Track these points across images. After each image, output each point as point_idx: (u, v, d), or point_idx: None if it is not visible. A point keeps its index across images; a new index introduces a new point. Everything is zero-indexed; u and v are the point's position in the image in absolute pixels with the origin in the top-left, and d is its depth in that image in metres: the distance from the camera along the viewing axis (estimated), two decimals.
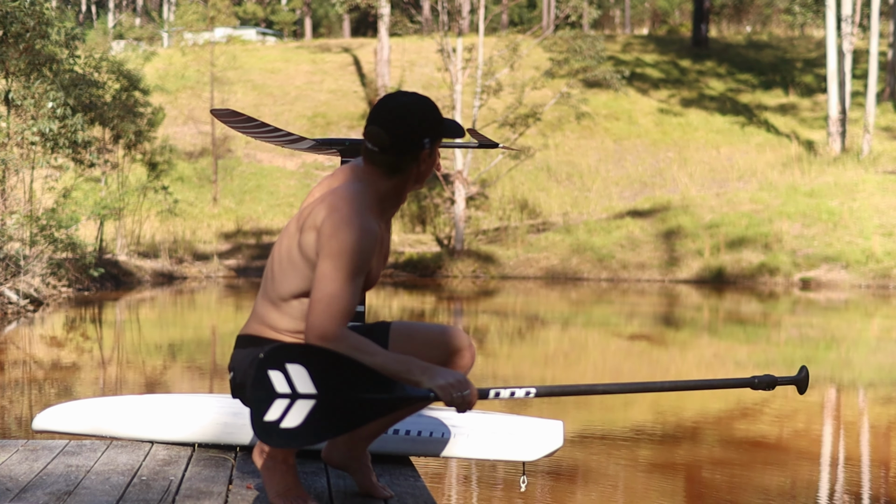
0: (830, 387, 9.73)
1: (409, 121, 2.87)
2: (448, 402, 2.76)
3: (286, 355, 2.69)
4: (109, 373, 9.75)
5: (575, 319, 15.65)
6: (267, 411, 2.67)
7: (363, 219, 2.83)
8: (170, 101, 30.05)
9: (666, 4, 53.61)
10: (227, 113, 4.12)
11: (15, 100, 15.32)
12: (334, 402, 2.70)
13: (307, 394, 2.69)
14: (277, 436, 2.67)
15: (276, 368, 2.68)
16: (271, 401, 2.67)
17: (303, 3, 53.77)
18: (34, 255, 15.20)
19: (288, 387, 2.68)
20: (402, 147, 2.87)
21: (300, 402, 2.68)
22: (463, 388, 2.77)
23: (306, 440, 2.69)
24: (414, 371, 2.76)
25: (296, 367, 2.69)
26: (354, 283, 2.80)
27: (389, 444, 3.66)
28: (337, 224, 2.81)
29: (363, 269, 2.82)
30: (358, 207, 2.86)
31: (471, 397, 2.78)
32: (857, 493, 5.77)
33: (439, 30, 25.47)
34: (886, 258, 20.86)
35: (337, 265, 2.78)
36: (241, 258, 22.81)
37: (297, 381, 2.69)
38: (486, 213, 25.86)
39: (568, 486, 5.89)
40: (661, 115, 31.23)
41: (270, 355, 2.68)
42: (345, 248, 2.78)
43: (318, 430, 2.70)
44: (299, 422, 2.68)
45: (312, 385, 2.69)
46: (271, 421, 2.67)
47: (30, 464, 3.53)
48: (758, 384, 3.16)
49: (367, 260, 2.82)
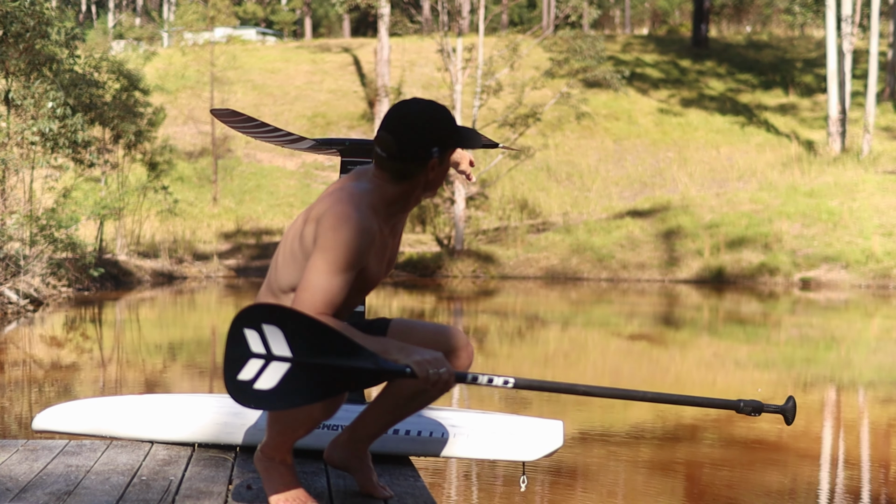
0: (830, 387, 9.73)
1: (418, 129, 2.86)
2: (423, 379, 2.74)
3: (263, 315, 2.66)
4: (109, 373, 9.75)
5: (575, 319, 15.66)
6: (241, 370, 2.63)
7: (361, 215, 2.83)
8: (170, 101, 30.06)
9: (666, 4, 53.61)
10: (227, 113, 4.12)
11: (15, 100, 15.32)
12: (309, 368, 2.66)
13: (282, 356, 2.65)
14: (250, 396, 2.64)
15: (251, 328, 2.65)
16: (246, 359, 2.64)
17: (303, 3, 53.78)
18: (34, 255, 15.20)
19: (263, 347, 2.64)
20: (409, 154, 2.86)
21: (275, 365, 2.64)
22: (439, 366, 2.75)
23: (279, 403, 2.65)
24: (391, 350, 2.76)
25: (272, 328, 2.65)
26: (342, 277, 2.80)
27: (389, 443, 3.66)
28: (335, 218, 2.82)
29: (354, 266, 2.82)
30: (359, 204, 2.86)
31: (447, 375, 2.76)
32: (857, 493, 5.77)
33: (439, 30, 25.47)
34: (886, 258, 20.86)
35: (327, 257, 2.79)
36: (241, 258, 22.81)
37: (273, 342, 2.65)
38: (486, 212, 25.86)
39: (568, 486, 5.89)
40: (661, 115, 31.23)
41: (247, 313, 2.65)
42: (338, 242, 2.79)
43: (292, 394, 2.65)
44: (273, 384, 2.64)
45: (288, 348, 2.66)
46: (245, 380, 2.63)
47: (30, 464, 3.53)
48: (742, 408, 3.11)
49: (359, 257, 2.82)
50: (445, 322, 14.45)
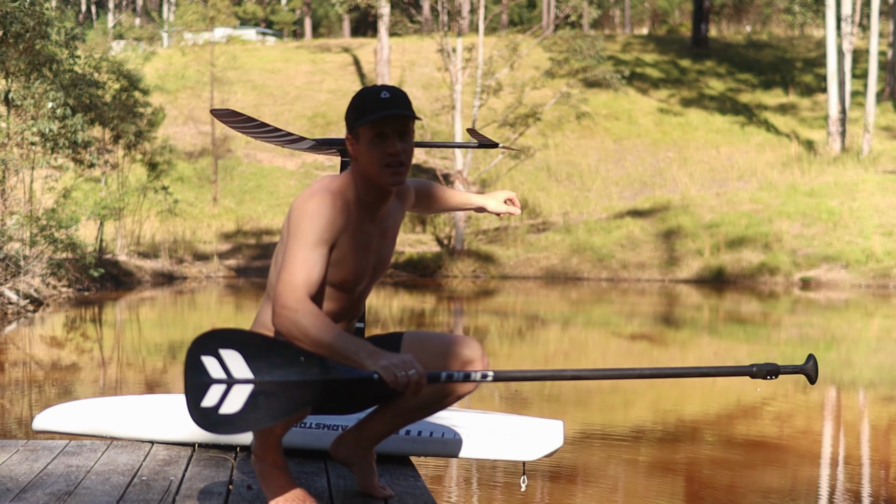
0: (831, 386, 9.73)
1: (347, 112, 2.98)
2: (392, 383, 2.70)
3: (219, 341, 2.66)
4: (109, 373, 9.75)
5: (575, 319, 15.66)
6: (203, 398, 2.62)
7: (324, 191, 2.89)
8: (170, 101, 30.06)
9: (666, 4, 53.61)
10: (226, 113, 4.12)
11: (15, 100, 15.32)
12: (272, 386, 2.65)
13: (244, 378, 2.64)
14: (216, 422, 2.63)
15: (209, 354, 2.65)
16: (207, 387, 2.63)
17: (303, 3, 53.77)
18: (34, 255, 15.20)
19: (223, 372, 2.64)
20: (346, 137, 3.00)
21: (237, 388, 2.64)
22: (407, 368, 2.70)
23: (247, 426, 2.64)
24: (361, 353, 2.73)
25: (229, 352, 2.65)
26: (313, 252, 2.83)
27: (389, 443, 3.66)
28: (301, 199, 2.90)
29: (324, 238, 2.84)
30: (321, 184, 2.94)
31: (417, 376, 2.71)
32: (857, 493, 5.77)
33: (439, 30, 25.47)
34: (886, 258, 20.86)
35: (296, 234, 2.84)
36: (241, 258, 22.81)
37: (232, 366, 2.64)
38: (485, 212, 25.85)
39: (568, 486, 5.89)
40: (661, 115, 31.23)
41: (202, 341, 2.66)
42: (303, 217, 2.85)
43: (259, 415, 2.65)
44: (238, 408, 2.63)
45: (248, 370, 2.65)
46: (209, 407, 2.62)
47: (30, 464, 3.53)
48: (756, 373, 2.91)
49: (327, 228, 2.85)
50: (445, 322, 14.45)
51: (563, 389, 9.00)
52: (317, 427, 3.70)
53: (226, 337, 2.66)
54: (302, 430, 3.69)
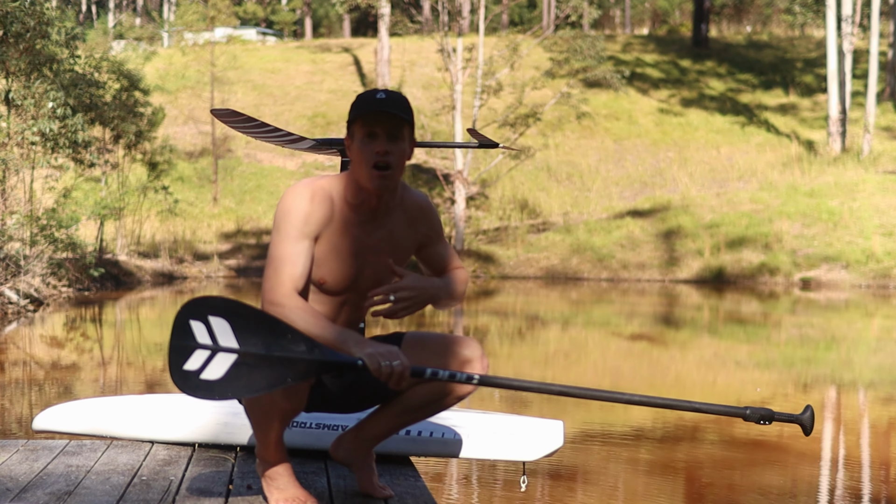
0: (831, 386, 9.73)
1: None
2: (376, 371, 2.73)
3: (209, 307, 2.68)
4: (109, 373, 9.76)
5: (575, 319, 15.66)
6: (187, 360, 2.66)
7: (303, 187, 2.92)
8: (170, 101, 30.06)
9: (666, 4, 53.61)
10: (227, 113, 4.12)
11: (15, 100, 15.32)
12: (256, 359, 2.68)
13: (228, 347, 2.67)
14: (196, 386, 2.66)
15: (197, 319, 2.68)
16: (191, 350, 2.66)
17: (303, 3, 53.78)
18: (34, 255, 15.20)
19: (209, 338, 2.66)
20: None
21: (221, 356, 2.66)
22: (392, 358, 2.74)
23: (226, 394, 2.67)
24: (349, 342, 2.77)
25: (218, 319, 2.68)
26: (293, 244, 2.85)
27: (389, 443, 3.66)
28: (283, 196, 2.93)
29: (303, 232, 2.87)
30: (304, 182, 2.95)
31: (400, 368, 2.74)
32: (857, 493, 5.77)
33: (439, 30, 25.47)
34: (886, 258, 20.86)
35: (277, 231, 2.88)
36: (242, 258, 22.82)
37: (219, 333, 2.67)
38: (486, 212, 25.86)
39: (568, 486, 5.89)
40: (662, 115, 31.23)
41: (193, 306, 2.69)
42: (282, 213, 2.89)
43: (240, 385, 2.67)
44: (220, 375, 2.65)
45: (234, 339, 2.67)
46: (191, 370, 2.66)
47: (30, 464, 3.53)
48: (749, 416, 2.82)
49: (305, 222, 2.87)
50: (445, 322, 14.45)
51: None
52: (317, 427, 3.70)
53: (217, 304, 2.69)
54: (302, 430, 3.69)
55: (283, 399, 2.87)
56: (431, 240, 3.11)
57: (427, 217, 3.09)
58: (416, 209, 3.07)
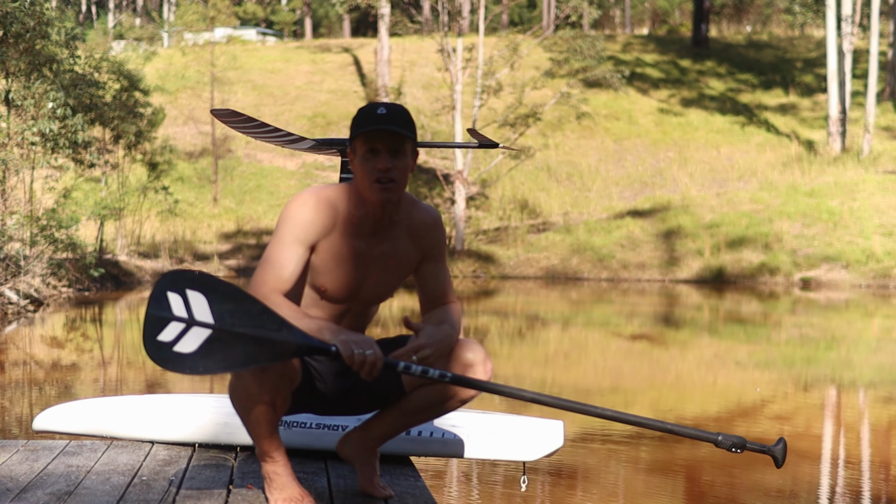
0: (830, 386, 9.74)
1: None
2: (348, 358, 2.76)
3: (189, 282, 2.70)
4: (110, 373, 9.76)
5: (575, 319, 15.66)
6: (161, 331, 2.67)
7: (309, 195, 2.95)
8: (170, 101, 30.06)
9: (666, 4, 53.61)
10: (227, 113, 4.12)
11: (15, 100, 15.32)
12: (230, 336, 2.69)
13: (203, 322, 2.68)
14: (168, 358, 2.68)
15: (175, 291, 2.69)
16: (166, 321, 2.68)
17: (303, 3, 53.78)
18: (34, 255, 15.20)
19: (185, 311, 2.68)
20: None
21: (195, 330, 2.68)
22: (365, 347, 2.77)
23: (197, 368, 2.68)
24: (324, 331, 2.82)
25: (196, 294, 2.69)
26: (287, 249, 2.89)
27: (390, 443, 3.65)
28: (288, 202, 2.97)
29: (299, 238, 2.90)
30: (310, 189, 2.98)
31: (373, 357, 2.77)
32: (857, 493, 5.77)
33: (439, 30, 25.47)
34: (886, 258, 20.86)
35: (274, 234, 2.93)
36: (242, 258, 22.82)
37: (196, 307, 2.68)
38: (486, 213, 25.86)
39: (568, 486, 5.89)
40: (662, 115, 31.23)
41: (173, 277, 2.71)
42: (283, 217, 2.93)
43: (211, 360, 2.68)
44: (193, 349, 2.67)
45: (210, 315, 2.69)
46: (164, 342, 2.67)
47: (30, 464, 3.54)
48: (721, 442, 2.82)
49: (303, 228, 2.90)
50: None
51: (563, 390, 9.00)
52: (317, 427, 3.70)
53: (196, 279, 2.71)
54: (302, 431, 3.69)
55: (260, 391, 2.88)
56: (431, 256, 3.10)
57: (431, 233, 3.08)
58: (422, 224, 3.06)
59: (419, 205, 3.09)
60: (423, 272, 3.11)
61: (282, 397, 2.92)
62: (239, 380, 2.90)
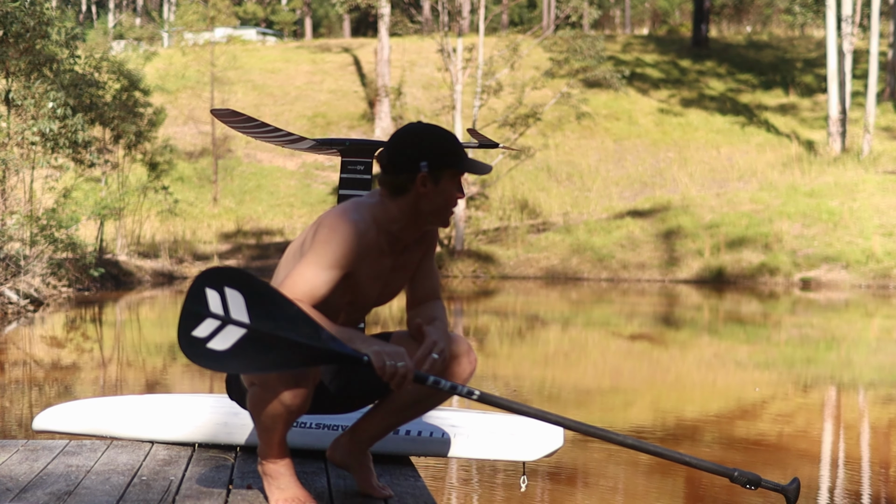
0: (831, 387, 9.73)
1: (407, 141, 2.93)
2: (380, 370, 2.77)
3: (227, 278, 2.68)
4: (109, 373, 9.76)
5: (575, 319, 15.66)
6: (196, 327, 2.65)
7: (359, 218, 2.90)
8: (170, 101, 30.05)
9: (666, 4, 53.61)
10: (227, 113, 4.12)
11: (15, 100, 15.31)
12: (264, 338, 2.67)
13: (239, 321, 2.66)
14: (201, 354, 2.66)
15: (214, 288, 2.67)
16: (202, 318, 2.66)
17: (303, 3, 53.78)
18: (34, 255, 15.20)
19: (222, 308, 2.66)
20: (397, 166, 2.93)
21: (230, 328, 2.66)
22: (397, 359, 2.78)
23: (229, 366, 2.67)
24: (356, 340, 2.82)
25: (234, 292, 2.67)
26: (328, 272, 2.85)
27: (389, 443, 3.66)
28: (334, 217, 2.90)
29: (342, 264, 2.87)
30: (359, 209, 2.93)
31: (404, 370, 2.78)
32: (857, 493, 5.77)
33: (439, 30, 25.47)
34: (887, 258, 20.86)
35: (317, 250, 2.86)
36: (242, 258, 22.82)
37: (233, 306, 2.66)
38: (486, 213, 25.86)
39: (568, 487, 5.89)
40: (662, 115, 31.23)
41: (211, 274, 2.68)
42: (330, 238, 2.86)
43: (244, 360, 2.67)
44: (226, 347, 2.65)
45: (246, 314, 2.67)
46: (198, 337, 2.65)
47: (30, 464, 3.53)
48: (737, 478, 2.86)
49: (349, 256, 2.87)
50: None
51: (563, 390, 9.01)
52: (317, 427, 3.70)
53: (235, 277, 2.69)
54: (302, 431, 3.69)
55: (290, 397, 2.87)
56: (427, 254, 3.16)
57: (431, 234, 3.15)
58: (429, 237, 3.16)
59: None
60: (418, 269, 3.16)
61: (306, 403, 2.93)
62: (265, 383, 2.86)
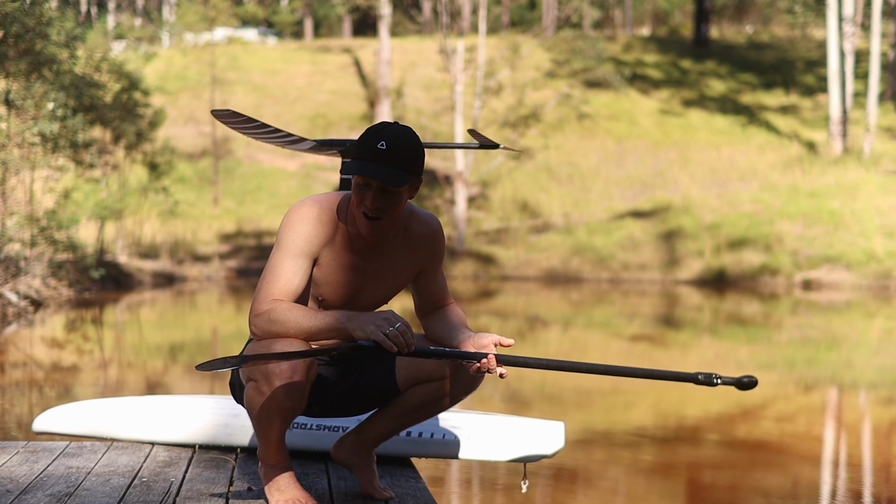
0: (832, 388, 9.73)
1: None
2: (384, 342, 2.75)
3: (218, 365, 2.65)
4: (110, 374, 9.75)
5: (576, 320, 15.65)
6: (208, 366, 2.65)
7: (312, 203, 2.93)
8: (170, 101, 30.06)
9: (667, 5, 53.61)
10: (227, 114, 4.11)
11: (15, 101, 15.31)
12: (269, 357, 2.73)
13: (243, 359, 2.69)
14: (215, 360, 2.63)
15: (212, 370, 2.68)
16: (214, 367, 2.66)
17: (303, 4, 53.80)
18: (34, 256, 15.20)
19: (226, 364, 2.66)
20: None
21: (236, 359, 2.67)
22: (392, 323, 2.77)
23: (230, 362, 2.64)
24: (343, 322, 2.79)
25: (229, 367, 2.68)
26: (290, 260, 2.87)
27: (390, 444, 3.66)
28: (289, 210, 2.95)
29: (303, 250, 2.88)
30: (315, 198, 2.96)
31: (403, 327, 2.78)
32: (857, 494, 5.77)
33: (440, 30, 25.47)
34: (888, 259, 20.86)
35: (277, 243, 2.91)
36: (242, 259, 22.81)
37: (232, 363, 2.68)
38: (486, 213, 25.86)
39: (569, 488, 5.88)
40: (662, 116, 31.23)
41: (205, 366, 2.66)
42: (286, 227, 2.90)
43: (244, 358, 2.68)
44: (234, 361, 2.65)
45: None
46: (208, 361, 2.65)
47: (30, 465, 3.53)
48: (702, 380, 2.92)
49: (305, 240, 2.88)
50: None
51: (563, 390, 9.00)
52: (318, 428, 3.69)
53: (225, 362, 2.67)
54: (303, 432, 3.69)
55: (285, 397, 2.86)
56: (429, 269, 3.10)
57: (429, 245, 3.06)
58: (420, 237, 3.03)
59: (418, 215, 3.04)
60: (420, 282, 3.12)
61: (301, 402, 2.91)
62: (262, 384, 2.86)
